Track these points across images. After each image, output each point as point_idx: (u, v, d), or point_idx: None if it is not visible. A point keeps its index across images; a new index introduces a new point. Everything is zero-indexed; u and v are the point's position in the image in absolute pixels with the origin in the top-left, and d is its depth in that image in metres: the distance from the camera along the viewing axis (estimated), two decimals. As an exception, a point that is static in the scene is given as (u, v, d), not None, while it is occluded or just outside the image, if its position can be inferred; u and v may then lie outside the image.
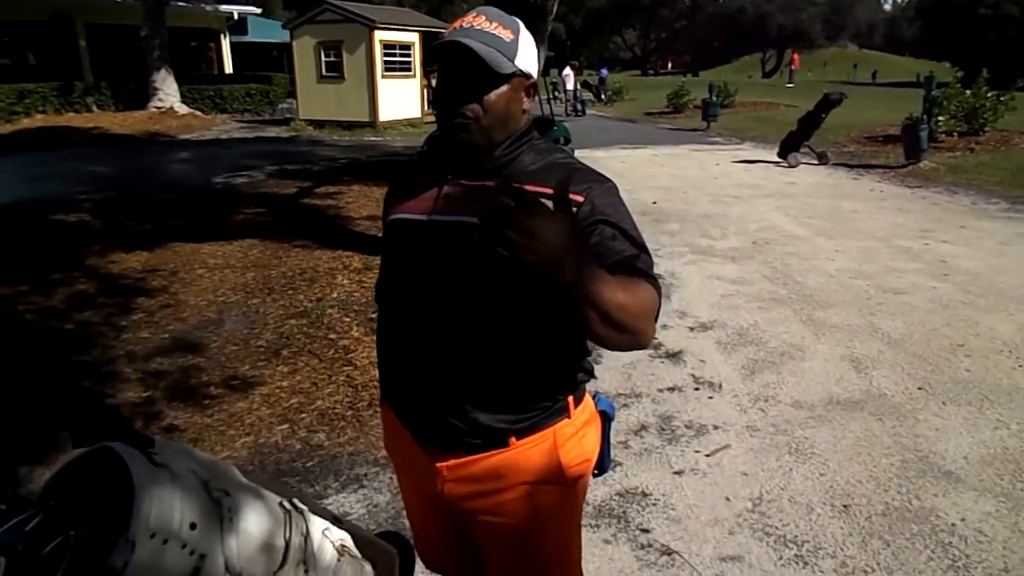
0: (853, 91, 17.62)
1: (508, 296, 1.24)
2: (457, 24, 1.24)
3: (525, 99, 1.30)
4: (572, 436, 1.35)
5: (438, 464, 1.35)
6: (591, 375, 1.41)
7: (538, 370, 1.30)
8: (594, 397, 1.47)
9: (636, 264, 1.16)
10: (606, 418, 1.48)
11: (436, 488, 1.37)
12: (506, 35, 1.23)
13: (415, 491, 1.53)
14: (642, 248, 1.21)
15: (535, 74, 1.30)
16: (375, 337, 1.53)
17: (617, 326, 1.07)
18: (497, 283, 1.23)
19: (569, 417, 1.35)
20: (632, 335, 1.10)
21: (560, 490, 1.37)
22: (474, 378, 1.27)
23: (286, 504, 1.34)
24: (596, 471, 1.47)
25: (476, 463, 1.32)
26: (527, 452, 1.32)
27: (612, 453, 1.57)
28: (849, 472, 2.92)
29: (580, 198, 1.20)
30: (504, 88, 1.23)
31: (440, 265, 1.27)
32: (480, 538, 1.44)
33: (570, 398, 1.35)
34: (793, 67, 36.73)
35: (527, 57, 1.26)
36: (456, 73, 1.22)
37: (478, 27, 1.22)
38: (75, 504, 1.06)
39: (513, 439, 1.30)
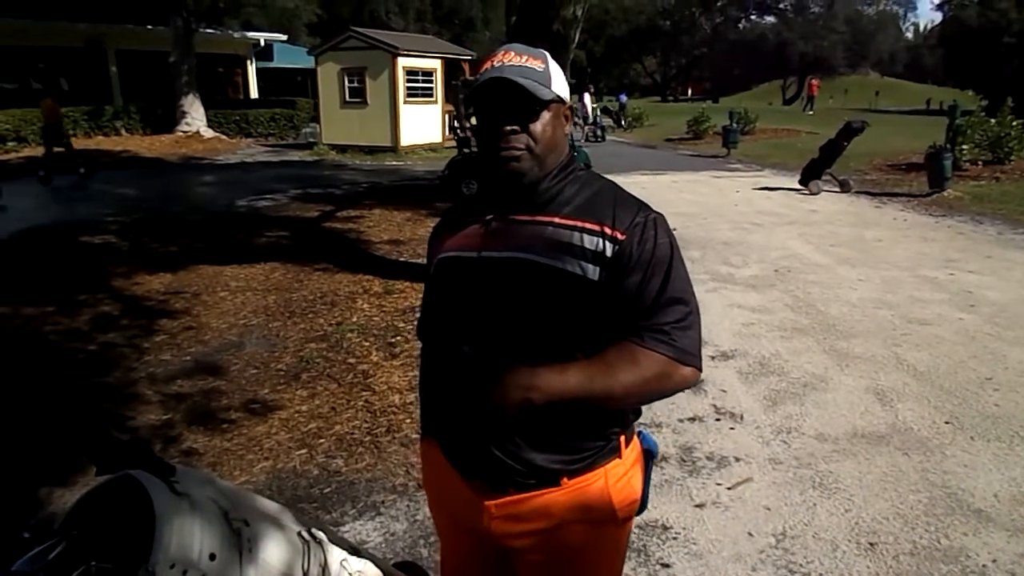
0: (875, 119, 17.52)
1: (562, 333, 1.25)
2: (488, 64, 1.27)
3: (565, 124, 1.33)
4: (623, 476, 1.34)
5: (486, 502, 1.32)
6: (639, 413, 1.41)
7: (592, 409, 1.27)
8: (639, 434, 1.45)
9: (639, 333, 1.23)
10: (649, 456, 1.46)
11: (482, 525, 1.34)
12: (538, 65, 1.27)
13: (455, 527, 1.48)
14: (670, 299, 1.24)
15: (567, 98, 1.33)
16: (417, 373, 1.53)
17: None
18: (551, 320, 1.23)
19: (620, 457, 1.34)
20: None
21: (609, 530, 1.36)
22: (529, 418, 1.24)
23: (304, 534, 1.33)
24: None
25: (526, 502, 1.30)
26: (579, 491, 1.30)
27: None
28: (875, 508, 2.85)
29: (622, 237, 1.24)
30: (547, 115, 1.27)
31: (493, 301, 1.27)
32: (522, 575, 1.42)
33: (622, 437, 1.34)
34: (812, 93, 36.55)
35: (559, 83, 1.30)
36: (500, 109, 1.24)
37: (510, 63, 1.25)
38: (97, 533, 1.06)
39: (565, 479, 1.29)
